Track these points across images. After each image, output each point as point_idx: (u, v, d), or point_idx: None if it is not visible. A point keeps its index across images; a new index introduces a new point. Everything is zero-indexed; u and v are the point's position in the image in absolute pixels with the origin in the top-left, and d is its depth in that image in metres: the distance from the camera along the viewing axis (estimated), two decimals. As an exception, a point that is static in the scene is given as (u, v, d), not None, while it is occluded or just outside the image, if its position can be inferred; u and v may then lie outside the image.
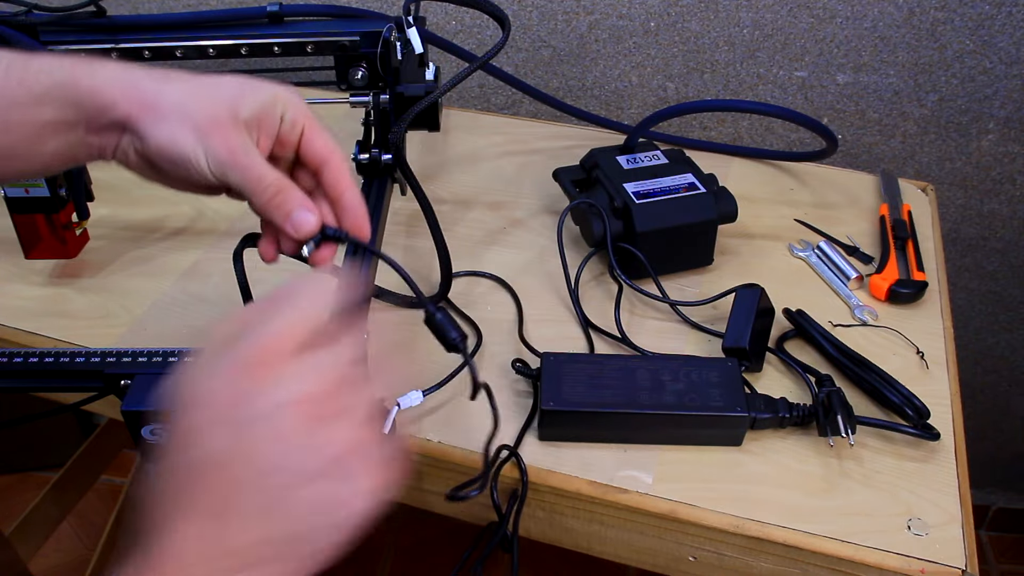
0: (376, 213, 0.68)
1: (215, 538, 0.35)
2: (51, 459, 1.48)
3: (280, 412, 0.36)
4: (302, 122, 0.48)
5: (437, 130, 0.77)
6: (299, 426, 0.37)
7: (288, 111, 0.48)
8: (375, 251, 0.50)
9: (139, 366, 0.52)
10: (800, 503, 0.57)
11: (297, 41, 0.73)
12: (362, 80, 0.73)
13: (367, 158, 0.74)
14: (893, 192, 0.89)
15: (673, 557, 0.60)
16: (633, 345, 0.69)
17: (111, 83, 0.45)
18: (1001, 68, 0.98)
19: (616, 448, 0.60)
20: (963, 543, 0.55)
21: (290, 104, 0.48)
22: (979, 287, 1.18)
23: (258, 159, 0.46)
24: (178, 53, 0.73)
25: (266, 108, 0.47)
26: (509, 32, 0.74)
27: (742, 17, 1.00)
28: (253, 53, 0.73)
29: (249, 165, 0.46)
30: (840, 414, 0.59)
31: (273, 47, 0.73)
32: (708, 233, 0.76)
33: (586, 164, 0.82)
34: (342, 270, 0.47)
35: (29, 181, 0.69)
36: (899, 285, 0.74)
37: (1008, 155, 1.05)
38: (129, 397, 0.49)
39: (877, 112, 1.04)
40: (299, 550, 0.37)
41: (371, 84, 0.74)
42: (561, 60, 1.07)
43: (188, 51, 0.73)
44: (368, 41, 0.72)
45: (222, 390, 0.37)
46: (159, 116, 0.45)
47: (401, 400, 0.57)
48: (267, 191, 0.46)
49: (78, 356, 0.53)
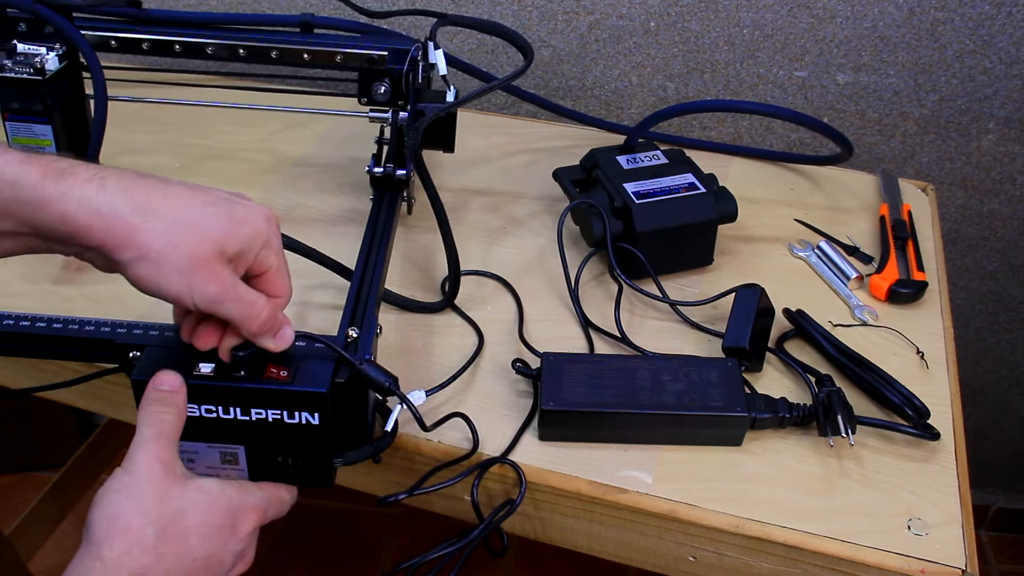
0: (387, 227, 0.70)
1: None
2: (51, 459, 1.48)
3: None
4: (269, 265, 0.49)
5: (451, 151, 0.79)
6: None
7: (264, 252, 0.48)
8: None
9: (150, 338, 0.52)
10: (800, 503, 0.57)
11: (327, 50, 0.74)
12: (384, 95, 0.75)
13: (381, 172, 0.76)
14: (893, 192, 0.89)
15: (673, 557, 0.60)
16: (633, 345, 0.69)
17: (86, 210, 0.42)
18: (1001, 68, 0.98)
19: (616, 448, 0.60)
20: (963, 543, 0.55)
21: (268, 246, 0.48)
22: (979, 287, 1.18)
23: (244, 289, 0.47)
24: (209, 50, 0.73)
25: (250, 245, 0.47)
26: (531, 61, 0.76)
27: (742, 17, 1.00)
28: (282, 58, 0.75)
29: (241, 297, 0.46)
30: (840, 414, 0.59)
31: (303, 54, 0.74)
32: (708, 233, 0.76)
33: (586, 164, 0.82)
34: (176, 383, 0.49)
35: None
36: (899, 285, 0.74)
37: (1008, 155, 1.05)
38: (139, 367, 0.50)
39: (877, 112, 1.04)
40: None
41: (392, 101, 0.75)
42: (561, 60, 1.07)
43: (219, 49, 0.73)
44: (395, 58, 0.74)
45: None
46: (139, 255, 0.43)
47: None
48: (260, 317, 0.47)
49: (87, 324, 0.52)
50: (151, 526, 0.43)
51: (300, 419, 0.50)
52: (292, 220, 0.82)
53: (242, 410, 0.49)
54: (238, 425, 0.50)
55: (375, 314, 0.58)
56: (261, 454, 0.52)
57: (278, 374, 0.49)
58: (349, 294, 0.60)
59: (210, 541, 0.45)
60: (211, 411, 0.49)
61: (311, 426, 0.50)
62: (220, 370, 0.49)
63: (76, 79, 0.70)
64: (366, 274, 0.63)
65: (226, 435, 0.51)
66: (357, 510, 1.46)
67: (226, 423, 0.50)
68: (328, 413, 0.50)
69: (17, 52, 0.66)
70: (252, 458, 0.52)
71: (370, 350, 0.54)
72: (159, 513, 0.44)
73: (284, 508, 0.52)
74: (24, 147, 0.67)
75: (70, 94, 0.69)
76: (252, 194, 0.85)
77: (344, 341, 0.54)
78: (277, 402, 0.49)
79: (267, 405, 0.49)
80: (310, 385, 0.49)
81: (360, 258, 0.65)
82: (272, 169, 0.90)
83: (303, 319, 0.69)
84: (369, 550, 1.42)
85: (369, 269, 0.64)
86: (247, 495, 0.48)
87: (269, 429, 0.50)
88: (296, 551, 1.40)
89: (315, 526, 1.44)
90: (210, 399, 0.49)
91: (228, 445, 0.51)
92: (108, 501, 0.44)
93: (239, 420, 0.50)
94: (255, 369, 0.49)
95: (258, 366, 0.50)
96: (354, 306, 0.59)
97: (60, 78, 0.67)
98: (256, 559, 0.50)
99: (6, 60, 0.65)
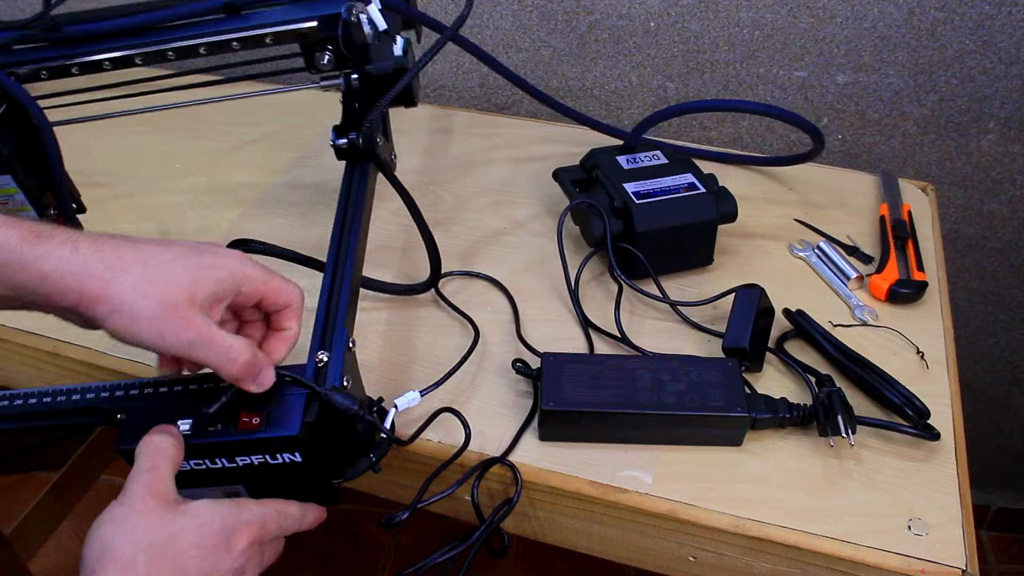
0: (359, 199, 0.67)
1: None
2: (51, 459, 1.48)
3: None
4: (261, 291, 0.51)
5: (414, 105, 0.74)
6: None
7: (245, 285, 0.50)
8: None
9: (131, 399, 0.52)
10: (800, 503, 0.57)
11: (255, 34, 0.70)
12: (329, 64, 0.71)
13: (345, 142, 0.72)
14: (893, 192, 0.89)
15: (673, 557, 0.60)
16: (633, 345, 0.69)
17: (61, 272, 0.44)
18: (1001, 68, 0.98)
19: (616, 448, 0.60)
20: (963, 543, 0.55)
21: (246, 279, 0.50)
22: (979, 287, 1.18)
23: (219, 333, 0.48)
24: (138, 60, 0.70)
25: (223, 288, 0.49)
26: (471, 7, 0.72)
27: (742, 17, 1.00)
28: (212, 51, 0.70)
29: (213, 340, 0.47)
30: (840, 414, 0.59)
31: (231, 43, 0.70)
32: (708, 233, 0.76)
33: (586, 164, 0.82)
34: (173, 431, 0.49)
35: (14, 207, 0.67)
36: (899, 285, 0.74)
37: (1008, 155, 1.05)
38: (122, 434, 0.50)
39: (877, 112, 1.04)
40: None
41: (339, 66, 0.71)
42: (561, 60, 1.07)
43: (148, 57, 0.70)
44: (328, 25, 0.69)
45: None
46: (113, 308, 0.45)
47: (398, 401, 0.57)
48: (237, 361, 0.48)
49: (74, 393, 0.53)
50: (142, 552, 0.44)
51: (283, 459, 0.50)
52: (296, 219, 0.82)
53: (227, 459, 0.50)
54: (229, 471, 0.51)
55: (345, 328, 0.56)
56: (262, 488, 0.52)
57: (250, 422, 0.49)
58: (319, 303, 0.58)
59: (205, 561, 0.45)
60: (200, 464, 0.50)
61: (295, 463, 0.50)
62: (197, 426, 0.49)
63: (22, 116, 0.67)
64: (337, 270, 0.60)
65: (223, 479, 0.51)
66: (357, 510, 1.46)
67: (218, 471, 0.51)
68: (308, 449, 0.49)
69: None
70: (254, 492, 0.52)
71: (340, 373, 0.52)
72: (150, 540, 0.44)
73: (291, 521, 0.52)
74: (5, 210, 0.67)
75: (20, 134, 0.67)
76: (254, 194, 0.86)
77: (315, 367, 0.53)
78: (255, 449, 0.49)
79: (247, 453, 0.50)
80: (281, 430, 0.49)
81: (331, 249, 0.62)
82: (273, 169, 0.90)
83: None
84: (370, 549, 1.42)
85: (341, 261, 0.61)
86: (241, 511, 0.48)
87: (259, 470, 0.50)
88: (297, 551, 1.40)
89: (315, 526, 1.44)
90: (193, 455, 0.49)
91: (229, 486, 0.52)
92: (100, 533, 0.44)
93: (228, 467, 0.50)
94: (228, 418, 0.50)
95: (231, 415, 0.50)
96: (324, 322, 0.56)
97: (5, 123, 0.65)
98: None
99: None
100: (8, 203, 0.67)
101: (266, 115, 0.99)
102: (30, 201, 0.68)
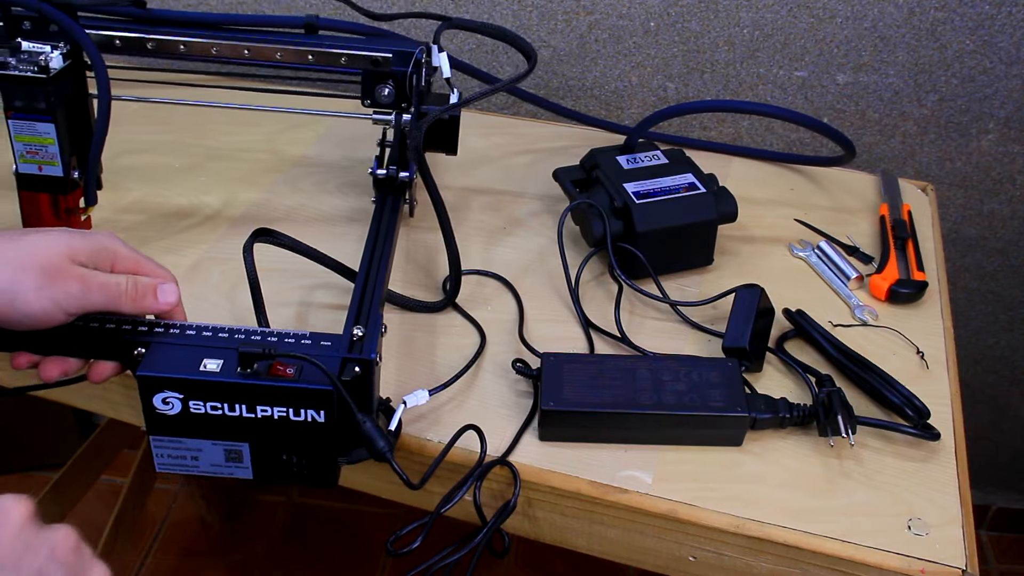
0: (390, 228, 0.71)
1: None
2: (51, 459, 1.48)
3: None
4: (132, 268, 0.53)
5: (454, 153, 0.79)
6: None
7: (119, 263, 0.52)
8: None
9: (155, 335, 0.53)
10: (800, 503, 0.57)
11: (331, 52, 0.75)
12: (388, 98, 0.75)
13: (384, 174, 0.77)
14: (893, 192, 0.89)
15: (673, 557, 0.60)
16: (633, 345, 0.69)
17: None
18: (1001, 68, 0.98)
19: (616, 448, 0.60)
20: (963, 543, 0.55)
21: (119, 257, 0.52)
22: (979, 287, 1.18)
23: (104, 276, 0.51)
24: (213, 51, 0.73)
25: (98, 252, 0.51)
26: (534, 66, 0.76)
27: (742, 17, 1.00)
28: (286, 59, 0.75)
29: (103, 283, 0.50)
30: (840, 414, 0.59)
31: (307, 55, 0.75)
32: (708, 233, 0.76)
33: (586, 164, 0.82)
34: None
35: (43, 158, 0.69)
36: (899, 285, 0.75)
37: (1008, 155, 1.05)
38: (145, 363, 0.50)
39: (877, 112, 1.04)
40: None
41: (395, 103, 0.76)
42: (561, 60, 1.07)
43: (223, 49, 0.74)
44: (399, 60, 0.74)
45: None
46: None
47: (407, 398, 0.58)
48: (128, 290, 0.51)
49: (92, 322, 0.53)
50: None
51: (306, 416, 0.50)
52: (293, 220, 0.82)
53: (248, 407, 0.50)
54: (244, 422, 0.50)
55: (380, 313, 0.58)
56: (266, 452, 0.52)
57: (284, 371, 0.50)
58: (354, 294, 0.61)
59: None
60: (216, 408, 0.50)
61: (316, 424, 0.50)
62: (227, 366, 0.50)
63: (80, 78, 0.70)
64: (370, 275, 0.63)
65: (231, 432, 0.51)
66: (358, 510, 1.46)
67: (231, 420, 0.50)
68: (334, 410, 0.50)
69: (21, 50, 0.66)
70: (257, 456, 0.52)
71: (376, 348, 0.54)
72: None
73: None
74: (27, 145, 0.68)
75: (73, 93, 0.69)
76: (254, 195, 0.86)
77: (350, 340, 0.54)
78: (283, 399, 0.50)
79: (273, 402, 0.50)
80: (316, 382, 0.49)
81: (364, 259, 0.66)
82: (274, 169, 0.90)
83: (304, 319, 0.69)
84: (369, 550, 1.42)
85: (373, 270, 0.64)
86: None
87: (275, 426, 0.50)
88: (296, 551, 1.40)
89: (315, 526, 1.44)
90: (216, 396, 0.49)
91: (233, 443, 0.52)
92: None
93: (244, 417, 0.50)
94: (262, 365, 0.50)
95: (265, 364, 0.50)
96: (359, 306, 0.59)
97: (64, 77, 0.67)
98: (255, 558, 0.50)
99: (10, 58, 0.65)
100: (40, 152, 0.69)
101: (266, 115, 0.99)
102: (61, 156, 0.69)
